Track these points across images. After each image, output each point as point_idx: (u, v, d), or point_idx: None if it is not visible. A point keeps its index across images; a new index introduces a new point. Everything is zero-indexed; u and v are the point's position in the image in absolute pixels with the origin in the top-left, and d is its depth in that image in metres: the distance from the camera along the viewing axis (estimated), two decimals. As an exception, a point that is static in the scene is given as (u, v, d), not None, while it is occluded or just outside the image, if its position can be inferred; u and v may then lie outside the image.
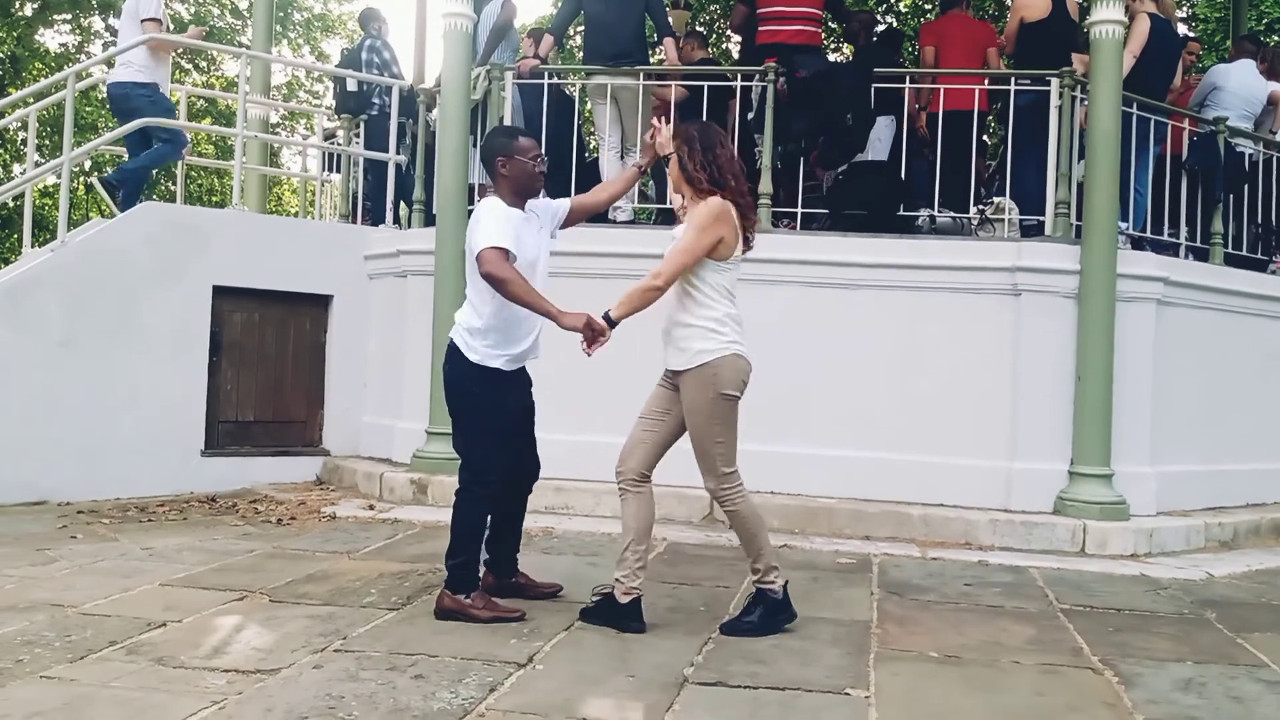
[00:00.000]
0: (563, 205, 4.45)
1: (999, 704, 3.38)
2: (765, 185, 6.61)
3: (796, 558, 5.50)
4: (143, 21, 7.19)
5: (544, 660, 3.63)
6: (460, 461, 4.27)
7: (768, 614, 4.07)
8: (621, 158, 7.29)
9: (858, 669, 3.66)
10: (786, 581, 4.15)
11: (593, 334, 3.94)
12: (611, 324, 3.95)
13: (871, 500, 6.23)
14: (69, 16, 18.75)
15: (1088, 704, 3.41)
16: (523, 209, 4.21)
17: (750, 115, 7.08)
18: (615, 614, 4.03)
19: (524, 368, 4.35)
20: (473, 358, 4.15)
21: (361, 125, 8.66)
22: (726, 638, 3.96)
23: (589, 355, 4.00)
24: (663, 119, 4.36)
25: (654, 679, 3.47)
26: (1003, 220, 6.67)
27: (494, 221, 4.03)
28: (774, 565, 4.08)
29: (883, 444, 6.30)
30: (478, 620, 4.05)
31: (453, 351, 4.20)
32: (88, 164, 19.75)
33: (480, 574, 4.24)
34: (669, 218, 7.44)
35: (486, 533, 4.29)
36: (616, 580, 4.03)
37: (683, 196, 4.08)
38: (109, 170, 21.13)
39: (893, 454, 6.29)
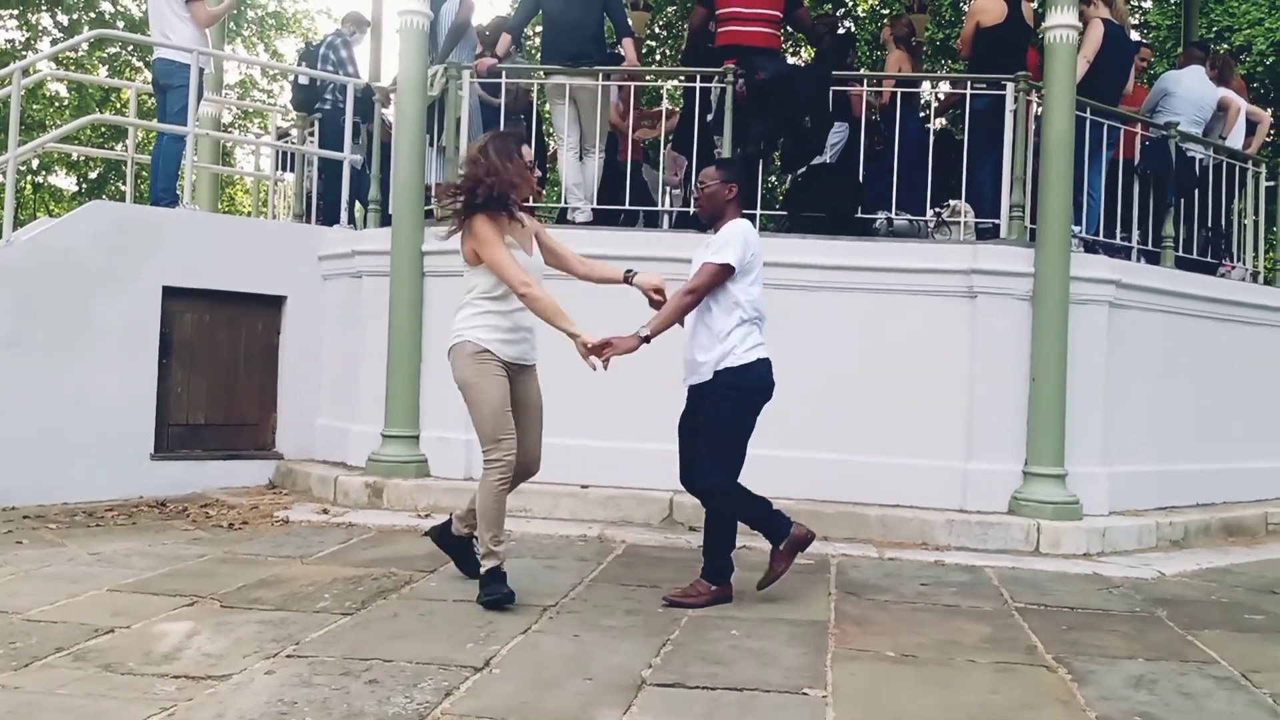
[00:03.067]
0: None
1: (955, 702, 3.39)
2: (724, 187, 6.60)
3: (755, 559, 5.47)
4: (188, 3, 7.37)
5: (501, 664, 3.60)
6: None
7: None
8: (580, 159, 7.26)
9: (815, 669, 3.66)
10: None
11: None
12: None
13: (829, 501, 6.24)
14: (15, 12, 18.41)
15: (1042, 701, 3.44)
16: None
17: (710, 117, 7.08)
18: None
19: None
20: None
21: (316, 124, 8.57)
22: (685, 640, 3.95)
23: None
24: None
25: (612, 681, 3.45)
26: (959, 223, 6.72)
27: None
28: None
29: (841, 445, 6.32)
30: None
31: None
32: (35, 162, 19.42)
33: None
34: (629, 220, 7.43)
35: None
36: None
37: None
38: (56, 169, 20.75)
39: (851, 455, 6.31)
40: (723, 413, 4.40)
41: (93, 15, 18.37)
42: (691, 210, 7.19)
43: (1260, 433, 7.62)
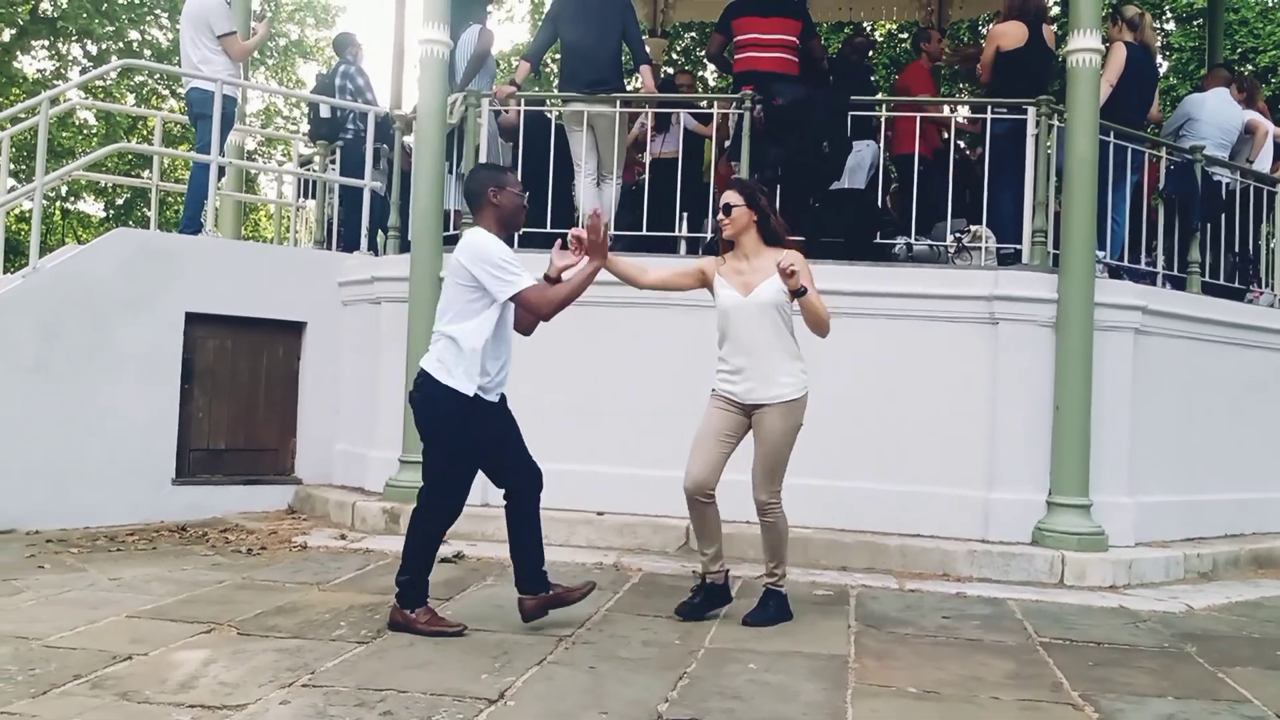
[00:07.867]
0: None
1: (977, 740, 3.33)
2: (743, 213, 6.58)
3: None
4: (221, 38, 7.46)
5: (515, 696, 3.56)
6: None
7: (782, 606, 4.71)
8: (598, 184, 7.26)
9: (835, 705, 3.60)
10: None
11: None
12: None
13: (848, 530, 6.17)
14: (46, 43, 18.71)
15: (1067, 740, 3.37)
16: (509, 242, 4.42)
17: (727, 143, 7.07)
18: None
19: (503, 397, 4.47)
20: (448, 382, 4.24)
21: (337, 151, 8.61)
22: (703, 673, 3.90)
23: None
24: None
25: (628, 715, 3.40)
26: (980, 248, 6.66)
27: (502, 259, 4.20)
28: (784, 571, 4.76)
29: (859, 473, 6.25)
30: (420, 633, 4.25)
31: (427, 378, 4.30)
32: (64, 189, 19.68)
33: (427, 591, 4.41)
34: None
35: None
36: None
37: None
38: (85, 196, 20.99)
39: (870, 483, 6.24)
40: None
41: (121, 45, 18.63)
42: (710, 235, 7.18)
43: (1290, 461, 7.49)
